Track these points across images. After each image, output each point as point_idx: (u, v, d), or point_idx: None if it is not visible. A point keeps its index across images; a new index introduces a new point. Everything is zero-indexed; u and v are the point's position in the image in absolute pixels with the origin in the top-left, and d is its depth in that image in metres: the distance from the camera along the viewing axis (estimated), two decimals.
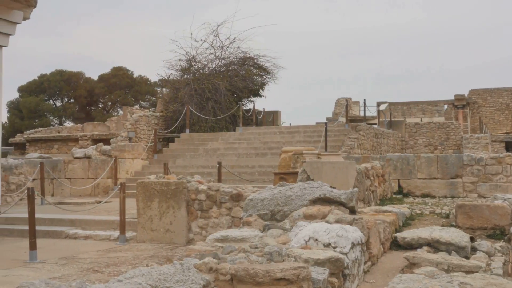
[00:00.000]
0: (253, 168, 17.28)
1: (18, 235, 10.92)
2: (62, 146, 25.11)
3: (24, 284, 3.04)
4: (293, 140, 19.29)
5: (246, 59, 25.83)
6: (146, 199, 9.91)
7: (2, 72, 13.17)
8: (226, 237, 5.22)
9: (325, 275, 4.08)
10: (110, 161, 17.65)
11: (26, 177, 16.25)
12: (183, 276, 3.59)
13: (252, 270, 3.68)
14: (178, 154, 19.77)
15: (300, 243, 4.81)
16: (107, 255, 8.65)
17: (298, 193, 6.19)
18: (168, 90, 26.27)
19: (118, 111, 45.98)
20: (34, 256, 8.36)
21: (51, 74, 46.57)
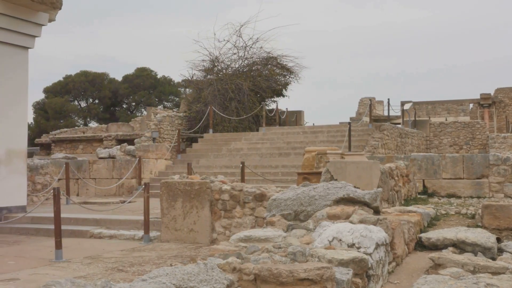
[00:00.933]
0: (276, 168, 17.26)
1: (44, 234, 11.05)
2: (87, 147, 25.36)
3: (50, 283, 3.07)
4: (317, 140, 19.24)
5: (269, 59, 25.81)
6: (170, 199, 9.95)
7: (28, 73, 13.35)
8: (250, 237, 5.22)
9: (349, 275, 4.06)
10: (134, 161, 17.78)
11: (52, 177, 16.45)
12: (207, 276, 3.60)
13: (275, 270, 3.67)
14: (201, 154, 19.84)
15: (323, 243, 4.79)
16: (132, 255, 8.71)
17: (321, 193, 6.17)
18: (191, 91, 26.37)
19: (142, 111, 46.31)
20: (60, 255, 8.45)
21: (76, 75, 47.08)
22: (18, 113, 13.01)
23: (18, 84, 12.98)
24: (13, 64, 12.87)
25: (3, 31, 12.51)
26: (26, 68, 13.28)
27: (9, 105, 12.74)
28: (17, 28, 12.74)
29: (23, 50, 13.14)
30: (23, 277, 7.21)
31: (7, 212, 12.48)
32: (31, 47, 13.34)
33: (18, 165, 12.91)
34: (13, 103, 12.85)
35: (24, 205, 13.00)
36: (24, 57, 13.20)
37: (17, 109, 12.96)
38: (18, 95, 13.00)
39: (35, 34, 13.30)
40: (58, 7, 13.24)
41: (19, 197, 12.93)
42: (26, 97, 13.30)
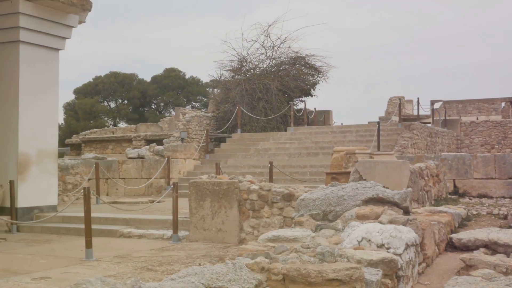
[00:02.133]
0: (304, 168, 17.21)
1: (75, 233, 11.18)
2: (116, 147, 25.61)
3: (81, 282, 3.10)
4: (345, 139, 19.13)
5: (297, 59, 25.76)
6: (199, 198, 9.99)
7: (58, 74, 13.53)
8: (278, 237, 5.21)
9: (378, 276, 4.02)
10: (163, 161, 17.90)
11: (82, 177, 16.65)
12: (236, 276, 3.60)
13: (304, 270, 3.65)
14: (229, 154, 19.88)
15: (352, 244, 4.76)
16: (161, 254, 8.76)
17: (350, 193, 6.12)
18: (219, 91, 26.46)
19: (171, 111, 46.60)
20: (90, 254, 8.54)
21: (105, 76, 47.61)
22: (49, 114, 13.20)
23: (49, 85, 13.17)
24: (44, 65, 13.06)
25: (35, 33, 12.70)
26: (57, 69, 13.46)
27: (41, 106, 12.92)
28: (48, 30, 12.92)
29: (54, 51, 13.33)
30: (54, 275, 7.30)
31: (38, 212, 12.67)
32: (62, 48, 13.52)
33: (49, 165, 13.09)
34: (44, 104, 13.03)
35: (55, 204, 13.18)
36: (55, 58, 13.38)
37: (48, 110, 13.14)
38: (49, 96, 13.18)
39: (66, 36, 13.48)
40: (88, 9, 13.39)
41: (50, 197, 13.11)
42: (57, 98, 13.49)
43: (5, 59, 12.64)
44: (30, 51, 12.72)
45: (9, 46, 12.59)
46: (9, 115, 12.54)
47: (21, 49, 12.51)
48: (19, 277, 7.20)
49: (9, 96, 12.57)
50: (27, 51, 12.64)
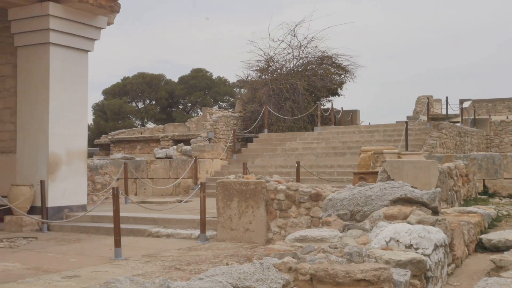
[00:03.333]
0: (331, 168, 17.15)
1: (104, 233, 11.30)
2: (145, 147, 25.83)
3: (110, 280, 3.13)
4: (373, 139, 19.02)
5: (324, 58, 25.69)
6: (226, 198, 10.02)
7: (87, 75, 13.69)
8: (305, 237, 5.20)
9: (407, 277, 3.99)
10: (190, 161, 18.00)
11: (111, 177, 16.82)
12: (263, 275, 3.61)
13: (332, 271, 3.64)
14: (256, 154, 19.90)
15: (380, 244, 4.73)
16: (188, 253, 8.81)
17: (378, 193, 6.09)
18: (246, 91, 26.51)
19: (198, 112, 46.84)
20: (119, 253, 8.62)
21: (133, 77, 48.05)
22: (79, 115, 13.36)
23: (78, 86, 13.34)
24: (74, 67, 13.23)
25: (65, 35, 12.88)
26: (86, 70, 13.63)
27: (70, 107, 13.09)
28: (77, 32, 13.09)
29: (83, 53, 13.49)
30: (84, 274, 7.39)
31: (68, 211, 12.84)
32: (91, 50, 13.68)
33: (79, 165, 13.26)
34: (74, 105, 13.20)
35: (84, 204, 13.34)
36: (84, 60, 13.55)
37: (77, 110, 13.31)
38: (78, 97, 13.35)
39: (95, 37, 13.64)
40: (116, 10, 13.53)
41: (79, 196, 13.28)
42: (86, 99, 13.65)
43: (36, 60, 12.84)
44: (60, 53, 12.90)
45: (40, 48, 12.78)
46: (40, 116, 12.73)
47: (51, 51, 12.69)
48: (50, 276, 7.31)
49: (40, 97, 12.76)
50: (57, 52, 12.82)
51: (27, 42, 12.90)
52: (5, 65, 13.52)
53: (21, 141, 12.99)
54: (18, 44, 13.06)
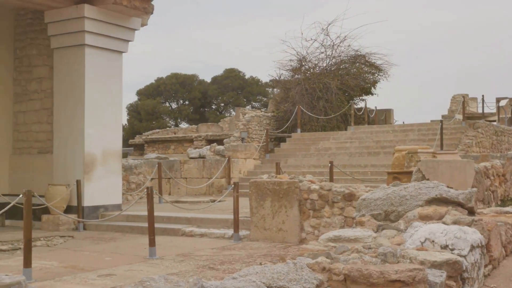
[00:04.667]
0: (365, 168, 17.04)
1: (138, 232, 11.42)
2: (178, 147, 26.03)
3: (145, 279, 3.17)
4: (407, 138, 18.83)
5: (357, 57, 25.53)
6: (259, 198, 10.04)
7: (122, 76, 13.85)
8: (339, 237, 5.17)
9: (442, 278, 3.94)
10: (223, 161, 18.07)
11: (145, 177, 16.98)
12: (296, 275, 3.60)
13: (366, 271, 3.62)
14: (289, 154, 19.88)
15: (415, 244, 4.68)
16: (222, 253, 8.85)
17: (412, 193, 6.02)
18: (279, 90, 26.49)
19: (231, 112, 47.00)
20: (153, 253, 8.70)
21: (167, 78, 48.46)
22: (114, 115, 13.53)
23: (113, 87, 13.50)
24: (109, 68, 13.39)
25: (99, 37, 13.05)
26: (121, 71, 13.79)
27: (105, 108, 13.26)
28: (112, 34, 13.25)
29: (118, 54, 13.65)
30: (119, 273, 7.49)
31: (103, 210, 13.01)
32: (125, 51, 13.83)
33: (114, 165, 13.42)
34: (109, 106, 13.37)
35: (119, 203, 13.50)
36: (119, 61, 13.71)
37: (112, 111, 13.48)
38: (113, 98, 13.51)
39: (129, 39, 13.79)
40: (150, 11, 13.66)
41: (114, 196, 13.44)
42: (120, 100, 13.81)
43: (71, 62, 13.04)
44: (95, 54, 13.07)
45: (75, 49, 12.98)
46: (75, 117, 12.93)
47: (86, 53, 12.87)
48: (86, 274, 7.42)
49: (76, 98, 12.95)
50: (92, 54, 12.99)
51: (63, 44, 13.12)
52: (42, 67, 13.76)
53: (57, 141, 13.21)
54: (54, 46, 13.28)
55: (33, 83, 13.89)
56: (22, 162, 13.91)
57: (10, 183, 13.97)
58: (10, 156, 14.13)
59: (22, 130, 14.04)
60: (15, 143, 14.16)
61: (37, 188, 12.16)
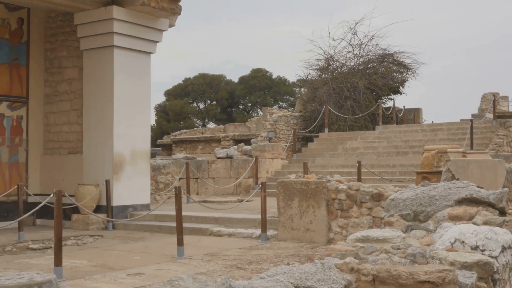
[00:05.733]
0: (393, 167, 16.91)
1: (167, 231, 11.50)
2: (206, 147, 26.13)
3: (173, 279, 3.19)
4: (436, 138, 18.63)
5: (385, 56, 25.36)
6: (287, 198, 10.03)
7: (150, 77, 13.96)
8: (367, 237, 5.14)
9: (472, 279, 3.89)
10: (251, 161, 18.09)
11: (173, 177, 17.09)
12: (324, 276, 3.59)
13: (395, 272, 3.59)
14: (317, 154, 19.82)
15: (445, 245, 4.63)
16: (250, 253, 8.86)
17: (442, 193, 5.96)
18: (306, 90, 26.46)
19: (258, 112, 47.05)
20: (181, 252, 8.75)
21: (194, 78, 48.69)
22: (142, 116, 13.64)
23: (142, 88, 13.62)
24: (137, 69, 13.51)
25: (128, 38, 13.17)
26: (149, 72, 13.90)
27: (134, 108, 13.38)
28: (140, 35, 13.37)
29: (146, 55, 13.76)
30: (147, 272, 7.55)
31: (132, 210, 13.14)
32: (153, 52, 13.94)
33: (142, 165, 13.53)
34: (138, 106, 13.49)
35: (148, 203, 13.61)
36: (147, 62, 13.82)
37: (141, 111, 13.60)
38: (142, 98, 13.63)
39: (157, 40, 13.89)
40: (178, 12, 13.74)
41: (143, 196, 13.55)
42: (149, 100, 13.92)
43: (101, 63, 13.19)
44: (123, 55, 13.20)
45: (104, 51, 13.12)
46: (105, 117, 13.07)
47: (115, 54, 13.01)
48: (115, 273, 7.50)
49: (105, 99, 13.09)
50: (120, 55, 13.12)
51: (92, 46, 13.27)
52: (72, 68, 13.95)
53: (87, 141, 13.38)
54: (84, 48, 13.45)
55: (63, 84, 14.09)
56: (52, 162, 14.12)
57: (41, 183, 14.20)
58: (41, 156, 14.35)
59: (52, 131, 14.25)
60: (46, 144, 14.38)
61: (67, 188, 12.35)
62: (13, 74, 13.93)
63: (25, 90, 14.15)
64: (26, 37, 14.22)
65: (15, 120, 13.92)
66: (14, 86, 13.93)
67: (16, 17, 14.02)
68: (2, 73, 13.68)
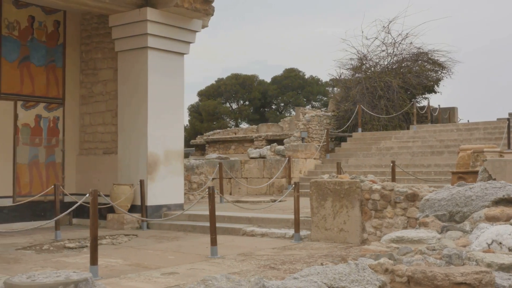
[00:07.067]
0: (428, 167, 16.70)
1: (200, 231, 11.56)
2: (239, 147, 26.20)
3: (207, 278, 3.20)
4: (472, 137, 18.34)
5: (419, 55, 25.06)
6: (320, 198, 9.99)
7: (183, 78, 14.06)
8: (402, 237, 5.09)
9: (510, 281, 3.82)
10: (284, 161, 18.08)
11: (206, 177, 17.18)
12: (358, 276, 3.57)
13: (430, 273, 3.55)
14: (350, 154, 19.70)
15: (481, 246, 4.55)
16: (283, 253, 8.85)
17: (478, 193, 5.86)
18: (339, 90, 26.31)
19: (291, 111, 46.98)
20: (215, 252, 8.79)
21: (227, 78, 48.86)
22: (176, 116, 13.74)
23: (175, 88, 13.72)
24: (171, 69, 13.62)
25: (161, 39, 13.29)
26: (182, 73, 13.99)
27: (167, 109, 13.49)
28: (173, 36, 13.47)
29: (179, 56, 13.86)
30: (181, 271, 7.60)
31: (166, 210, 13.24)
32: (186, 53, 14.03)
33: (176, 165, 13.63)
34: (171, 107, 13.59)
35: (181, 203, 13.70)
36: (180, 62, 13.91)
37: (174, 112, 13.70)
38: (175, 99, 13.73)
39: (190, 40, 13.97)
40: (211, 13, 13.80)
41: (177, 196, 13.65)
42: (182, 101, 14.02)
43: (135, 64, 13.33)
44: (157, 56, 13.32)
45: (138, 52, 13.26)
46: (139, 118, 13.20)
47: (149, 55, 13.13)
48: (150, 272, 7.57)
49: (139, 99, 13.23)
50: (154, 56, 13.24)
51: (127, 47, 13.42)
52: (107, 70, 14.13)
53: (122, 142, 13.54)
54: (118, 49, 13.61)
55: (98, 85, 14.29)
56: (88, 162, 14.33)
57: (77, 183, 14.42)
58: (77, 157, 14.57)
59: (88, 131, 14.46)
60: (81, 144, 14.60)
61: (102, 188, 12.52)
62: (50, 76, 14.19)
63: (61, 92, 14.40)
64: (62, 39, 14.47)
65: (51, 121, 14.17)
66: (50, 87, 14.19)
67: (52, 20, 14.28)
68: (39, 75, 13.95)
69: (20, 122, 13.56)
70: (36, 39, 13.94)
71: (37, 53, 13.93)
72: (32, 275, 3.10)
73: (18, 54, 13.58)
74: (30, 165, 13.68)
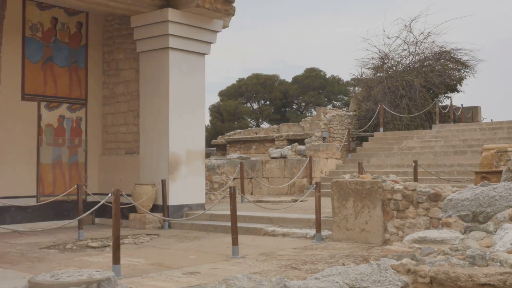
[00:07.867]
0: (451, 167, 16.55)
1: (221, 231, 11.58)
2: (260, 147, 26.21)
3: (228, 278, 3.21)
4: (496, 137, 18.13)
5: (441, 54, 24.82)
6: (341, 198, 9.95)
7: (204, 78, 14.10)
8: (424, 238, 5.05)
9: None
10: (305, 161, 18.04)
11: (228, 176, 17.22)
12: (380, 277, 3.54)
13: (453, 274, 3.52)
14: (372, 153, 19.59)
15: (506, 247, 4.50)
16: (304, 253, 8.84)
17: (502, 193, 5.79)
18: (360, 89, 26.16)
19: (312, 111, 46.88)
20: (236, 251, 8.80)
21: (248, 78, 48.92)
22: (197, 116, 13.79)
23: (196, 88, 13.76)
24: (191, 70, 13.67)
25: (183, 40, 13.34)
26: (203, 73, 14.03)
27: (189, 109, 13.54)
28: (194, 36, 13.52)
29: (200, 56, 13.90)
30: (203, 271, 7.62)
31: (188, 209, 13.29)
32: (207, 53, 14.07)
33: (197, 165, 13.68)
34: (192, 107, 13.64)
35: (203, 203, 13.74)
36: (201, 63, 13.96)
37: (196, 112, 13.74)
38: (196, 99, 13.77)
39: (211, 41, 14.01)
40: (231, 13, 13.82)
41: (198, 195, 13.69)
42: (203, 101, 14.06)
43: (156, 65, 13.40)
44: (178, 57, 13.37)
45: (160, 52, 13.33)
46: (160, 118, 13.27)
47: (170, 55, 13.19)
48: (172, 271, 7.61)
49: (161, 100, 13.30)
50: (175, 56, 13.30)
51: (148, 48, 13.50)
52: (129, 70, 14.23)
53: (143, 142, 13.62)
54: (140, 50, 13.70)
55: (120, 86, 14.39)
56: (110, 162, 14.44)
57: (99, 183, 14.54)
58: (99, 157, 14.70)
59: (110, 132, 14.58)
60: (104, 144, 14.72)
61: (124, 188, 12.59)
62: (73, 76, 14.33)
63: (84, 92, 14.53)
64: (84, 40, 14.60)
65: (74, 121, 14.31)
66: (73, 88, 14.33)
67: (75, 21, 14.42)
68: (62, 76, 14.09)
69: (43, 122, 13.71)
70: (59, 40, 14.09)
71: (60, 54, 14.08)
72: (55, 274, 3.13)
73: (41, 55, 13.74)
74: (54, 165, 13.83)
